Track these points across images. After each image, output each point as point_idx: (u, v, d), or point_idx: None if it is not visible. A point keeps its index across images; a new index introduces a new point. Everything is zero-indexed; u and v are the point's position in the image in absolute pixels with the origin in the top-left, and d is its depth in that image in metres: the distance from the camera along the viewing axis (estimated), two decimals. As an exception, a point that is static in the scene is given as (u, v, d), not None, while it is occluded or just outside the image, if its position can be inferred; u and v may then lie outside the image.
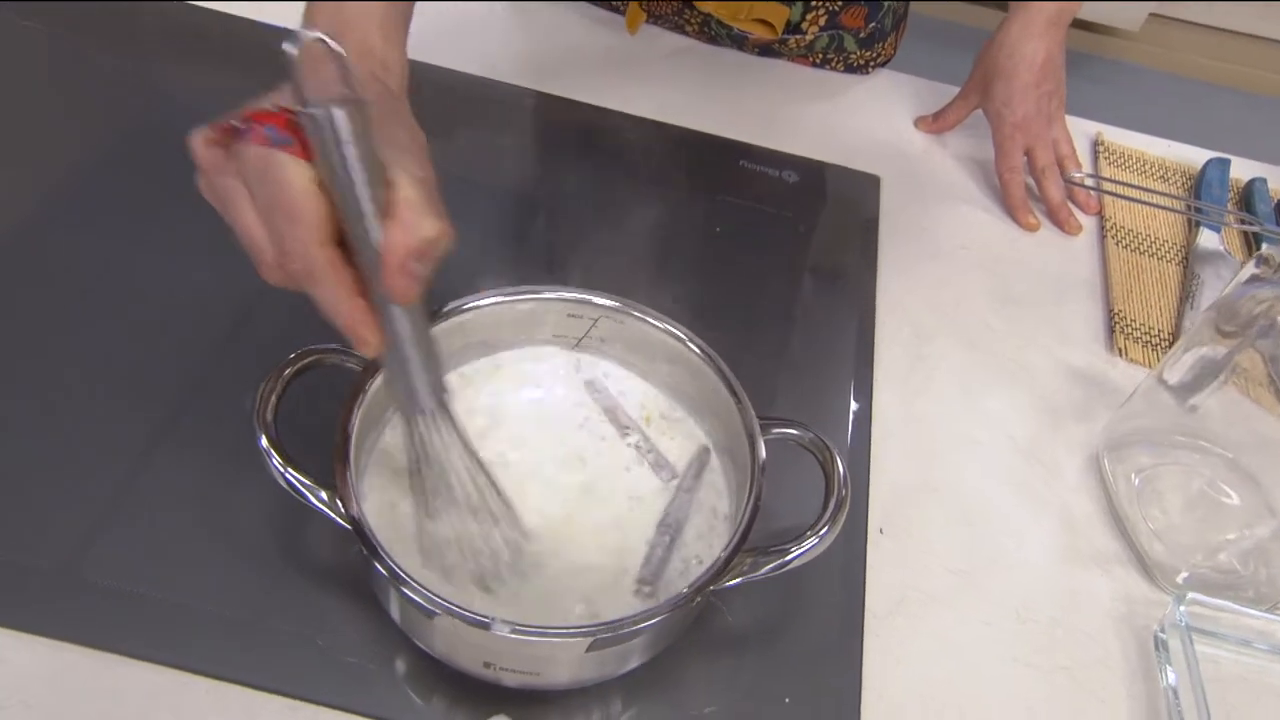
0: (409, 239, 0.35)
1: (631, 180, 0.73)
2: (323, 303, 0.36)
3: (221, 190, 0.36)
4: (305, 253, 0.34)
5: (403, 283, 0.35)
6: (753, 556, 0.42)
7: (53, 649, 0.42)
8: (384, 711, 0.43)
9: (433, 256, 0.36)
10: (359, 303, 0.36)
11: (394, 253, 0.35)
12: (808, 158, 0.78)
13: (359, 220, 0.34)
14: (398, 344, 0.37)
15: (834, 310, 0.67)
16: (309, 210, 0.34)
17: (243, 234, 0.36)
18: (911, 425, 0.60)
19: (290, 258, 0.35)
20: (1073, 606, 0.52)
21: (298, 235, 0.34)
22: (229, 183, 0.35)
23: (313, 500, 0.41)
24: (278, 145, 0.34)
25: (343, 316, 0.36)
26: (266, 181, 0.34)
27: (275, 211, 0.34)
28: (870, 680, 0.47)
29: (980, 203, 0.78)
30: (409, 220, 0.35)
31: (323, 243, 0.35)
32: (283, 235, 0.34)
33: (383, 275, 0.35)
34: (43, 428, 0.50)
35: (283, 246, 0.35)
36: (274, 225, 0.35)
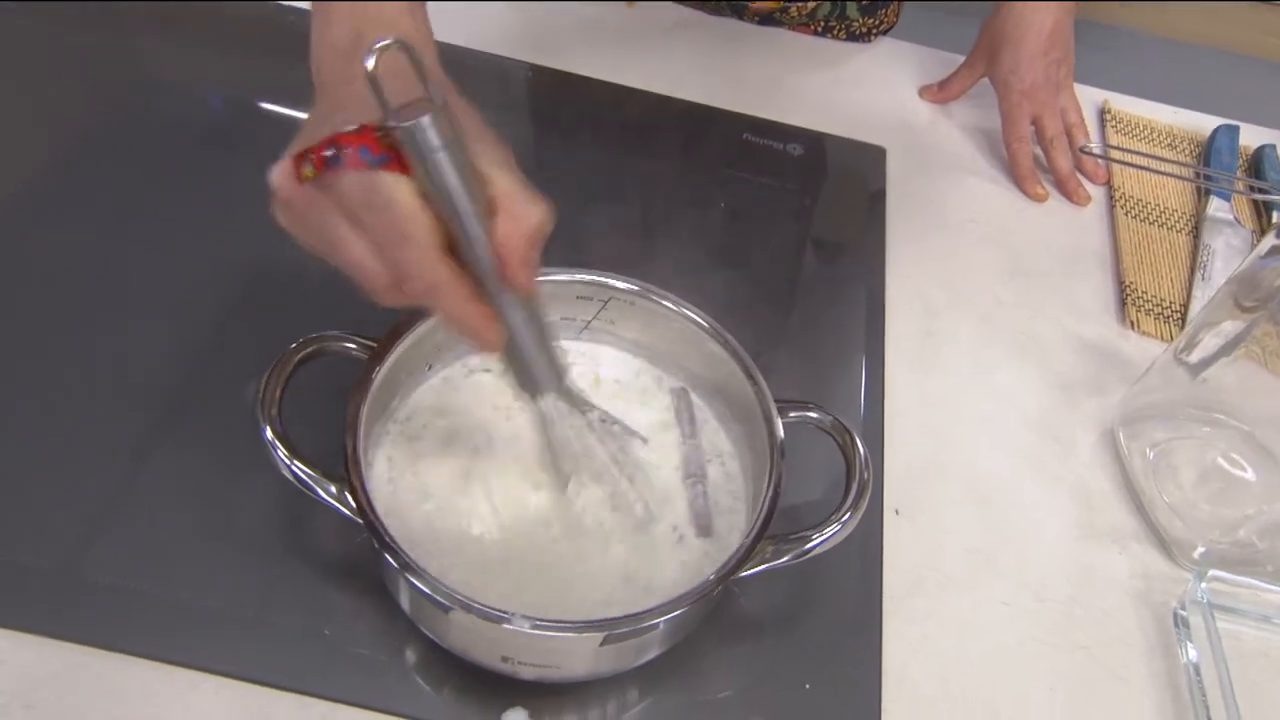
0: (522, 231, 0.34)
1: (632, 156, 0.71)
2: (447, 314, 0.35)
3: (320, 226, 0.34)
4: (426, 272, 0.33)
5: (525, 275, 0.35)
6: (774, 544, 0.41)
7: (55, 649, 0.41)
8: (397, 706, 0.42)
9: (542, 240, 0.35)
10: (482, 307, 0.35)
11: (513, 249, 0.34)
12: (812, 129, 0.76)
13: (467, 223, 0.34)
14: (516, 334, 0.37)
15: (843, 286, 0.66)
16: (421, 228, 0.33)
17: (352, 265, 0.34)
18: (924, 403, 0.59)
19: (410, 280, 0.34)
20: (1090, 584, 0.52)
21: (415, 256, 0.33)
22: (328, 218, 0.33)
23: (321, 493, 0.40)
24: (375, 167, 0.32)
25: (469, 324, 0.35)
26: (373, 208, 0.32)
27: (388, 236, 0.33)
28: (890, 663, 0.47)
29: (987, 174, 0.77)
30: (516, 212, 0.34)
31: (440, 258, 0.34)
32: (400, 259, 0.33)
33: (505, 273, 0.34)
34: (39, 426, 0.48)
35: (401, 270, 0.33)
36: (388, 250, 0.33)
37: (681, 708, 0.44)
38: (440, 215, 0.33)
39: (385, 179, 0.32)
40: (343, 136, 0.32)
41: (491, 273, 0.35)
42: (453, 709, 0.42)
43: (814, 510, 0.49)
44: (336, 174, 0.32)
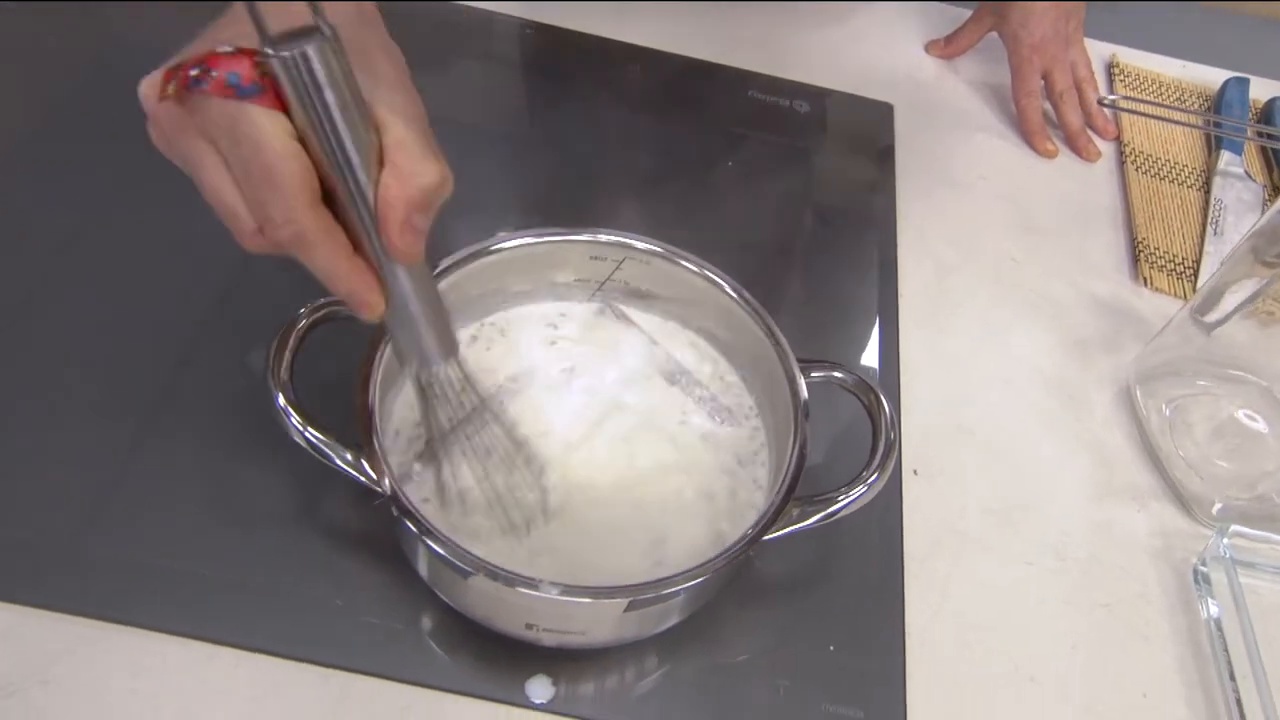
0: (408, 189, 0.31)
1: (634, 115, 0.69)
2: (317, 269, 0.31)
3: (184, 151, 0.30)
4: (292, 219, 0.30)
5: (406, 240, 0.31)
6: (800, 506, 0.40)
7: (68, 624, 0.40)
8: (416, 675, 0.41)
9: (434, 206, 0.32)
10: (357, 264, 0.32)
11: (394, 207, 0.31)
12: (817, 86, 0.75)
13: (348, 173, 0.30)
14: (401, 302, 0.34)
15: (853, 244, 0.65)
16: (292, 171, 0.29)
17: (214, 201, 0.31)
18: (938, 362, 0.58)
19: (275, 225, 0.30)
20: (1109, 542, 0.52)
21: (282, 200, 0.30)
22: (192, 142, 0.30)
23: (337, 461, 0.39)
24: (244, 96, 0.29)
25: (341, 282, 0.32)
26: (238, 141, 0.29)
27: (252, 175, 0.29)
28: (912, 624, 0.47)
29: (996, 130, 0.76)
30: (405, 167, 0.31)
31: (311, 204, 0.30)
32: (264, 202, 0.30)
33: (384, 234, 0.31)
34: (42, 398, 0.47)
35: (265, 213, 0.30)
36: (252, 190, 0.30)
37: (704, 671, 0.44)
38: (318, 160, 0.30)
39: (254, 112, 0.29)
40: (214, 58, 0.29)
41: (373, 233, 0.31)
42: (472, 677, 0.42)
43: (826, 472, 0.49)
44: (200, 96, 0.29)
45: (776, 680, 0.44)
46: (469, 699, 0.41)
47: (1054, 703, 0.45)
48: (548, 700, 0.41)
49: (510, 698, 0.41)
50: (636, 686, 0.43)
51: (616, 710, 0.42)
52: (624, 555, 0.41)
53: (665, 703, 0.43)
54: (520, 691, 0.41)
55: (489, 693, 0.41)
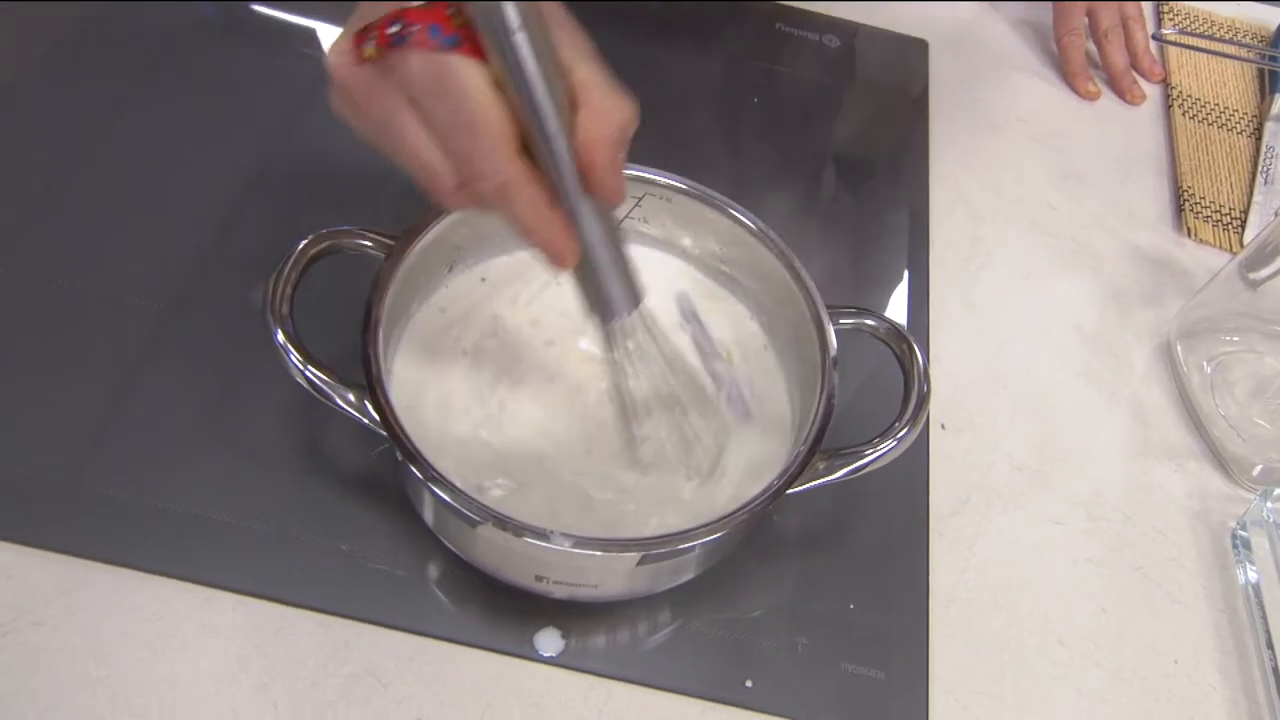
0: (608, 128, 0.30)
1: (656, 45, 0.66)
2: (519, 220, 0.31)
3: (381, 114, 0.30)
4: (498, 170, 0.29)
5: (614, 180, 0.31)
6: (826, 459, 0.38)
7: (63, 564, 0.39)
8: (421, 625, 0.40)
9: (628, 140, 0.31)
10: (557, 213, 0.31)
11: (599, 148, 0.30)
12: (849, 20, 0.70)
13: (546, 118, 0.29)
14: (591, 250, 0.33)
15: (883, 188, 0.62)
16: (496, 120, 0.29)
17: (414, 160, 0.30)
18: (970, 312, 0.55)
19: (480, 178, 0.29)
20: (1145, 503, 0.49)
21: (487, 151, 0.29)
22: (390, 103, 0.29)
23: (339, 401, 0.37)
24: (446, 48, 0.28)
25: (542, 232, 0.31)
26: (442, 94, 0.28)
27: (457, 128, 0.29)
28: (937, 584, 0.45)
29: (1036, 70, 0.71)
30: (600, 106, 0.30)
31: (515, 155, 0.29)
32: (470, 154, 0.29)
33: (593, 176, 0.30)
34: (38, 333, 0.45)
35: (471, 166, 0.29)
36: (457, 143, 0.29)
37: (719, 627, 0.42)
38: (515, 108, 0.29)
39: (456, 63, 0.28)
40: (410, 12, 0.28)
41: (572, 176, 0.30)
42: (479, 628, 0.40)
43: (847, 426, 0.47)
44: (402, 54, 0.28)
45: (794, 637, 0.42)
46: (475, 650, 0.40)
47: (1082, 667, 0.43)
48: (557, 653, 0.40)
49: (519, 650, 0.40)
50: (649, 641, 0.41)
51: (628, 665, 0.40)
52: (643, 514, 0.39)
53: (679, 659, 0.41)
54: (529, 644, 0.40)
55: (496, 644, 0.40)
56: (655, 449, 0.40)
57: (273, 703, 0.37)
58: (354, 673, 0.38)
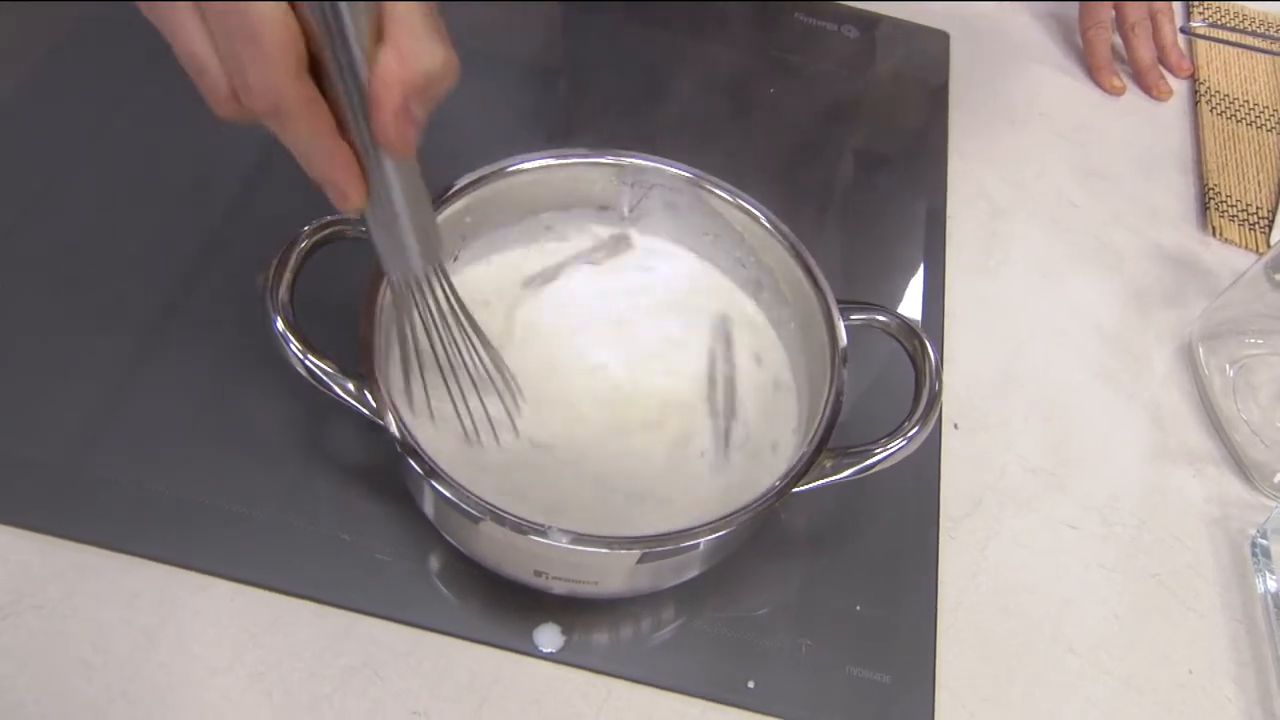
0: (408, 71, 0.27)
1: (670, 34, 0.65)
2: (294, 146, 0.28)
3: (161, 11, 0.27)
4: (273, 87, 0.27)
5: (400, 129, 0.28)
6: (834, 458, 0.37)
7: (61, 548, 0.38)
8: (420, 618, 0.39)
9: (435, 95, 0.28)
10: (341, 148, 0.29)
11: (390, 89, 0.27)
12: (869, 11, 0.69)
13: (340, 44, 0.26)
14: (385, 197, 0.30)
15: (900, 181, 0.60)
16: (279, 35, 0.26)
17: (188, 60, 0.28)
18: (986, 310, 0.54)
19: (253, 92, 0.27)
20: (1162, 508, 0.48)
21: (263, 64, 0.26)
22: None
23: (338, 391, 0.36)
24: None
25: (320, 165, 0.29)
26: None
27: (234, 35, 0.26)
28: (946, 587, 0.44)
29: (1060, 64, 0.70)
30: (407, 46, 0.27)
31: (296, 74, 0.27)
32: (244, 65, 0.27)
33: (375, 119, 0.28)
34: (41, 317, 0.45)
35: (244, 78, 0.27)
36: (232, 51, 0.27)
37: (723, 626, 0.41)
38: (307, 26, 0.26)
39: None
40: None
41: (361, 117, 0.28)
42: (479, 622, 0.40)
43: (856, 424, 0.46)
44: None
45: (799, 638, 0.41)
46: (474, 644, 0.39)
47: (1093, 675, 0.42)
48: (556, 649, 0.39)
49: (518, 645, 0.39)
50: (650, 639, 0.41)
51: (628, 663, 0.40)
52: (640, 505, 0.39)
53: (681, 657, 0.40)
54: (529, 639, 0.39)
55: (496, 639, 0.39)
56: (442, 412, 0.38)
57: (267, 692, 0.37)
58: (351, 664, 0.38)
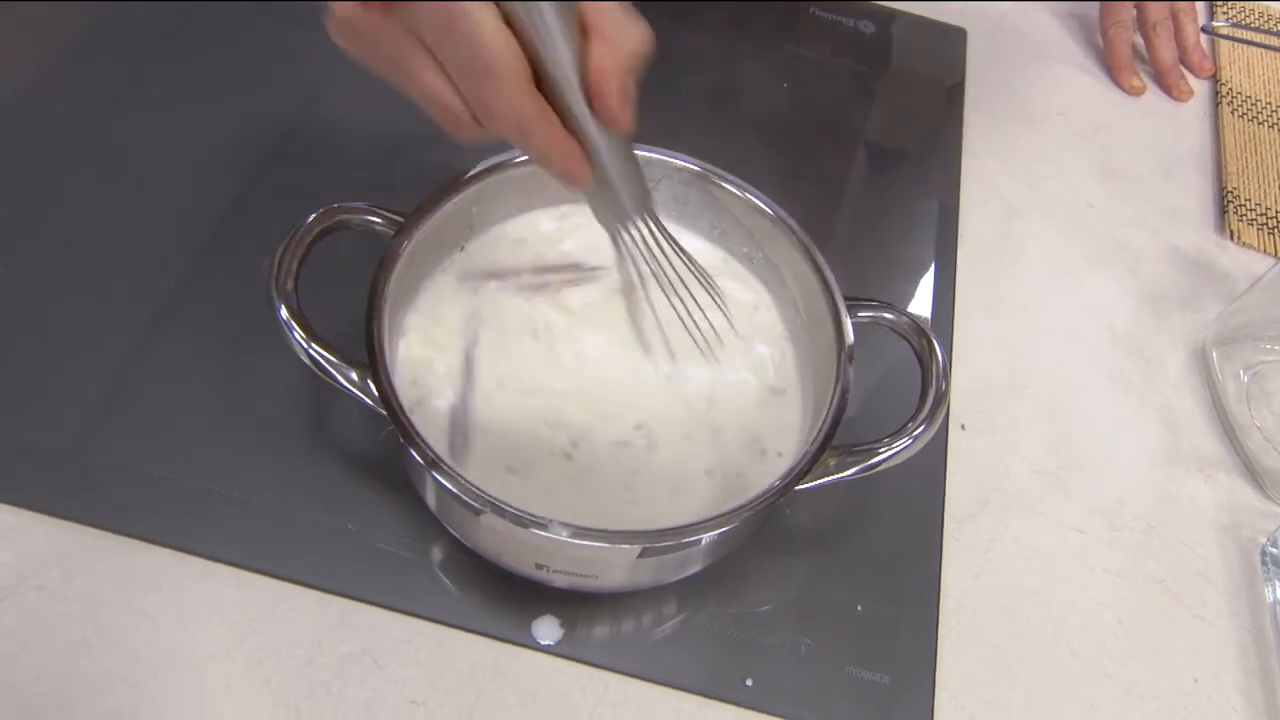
0: (619, 56, 0.30)
1: (681, 24, 0.64)
2: (536, 153, 0.32)
3: (391, 54, 0.30)
4: (514, 110, 0.30)
5: (621, 110, 0.31)
6: (837, 456, 0.37)
7: (65, 531, 0.39)
8: (421, 608, 0.39)
9: (642, 68, 0.31)
10: (571, 142, 0.32)
11: (611, 77, 0.30)
12: (885, 6, 0.69)
13: (558, 55, 0.29)
14: (602, 167, 0.33)
15: (913, 178, 0.60)
16: (510, 63, 0.29)
17: (428, 99, 0.31)
18: (997, 309, 0.54)
19: (497, 118, 0.30)
20: (1171, 514, 0.48)
21: (503, 92, 0.29)
22: (399, 44, 0.29)
23: (341, 380, 0.36)
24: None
25: (557, 161, 0.32)
26: (455, 38, 0.28)
27: (472, 69, 0.29)
28: (949, 588, 0.43)
29: (1079, 62, 0.69)
30: (613, 33, 0.30)
31: (530, 93, 0.30)
32: (485, 96, 0.30)
33: (602, 106, 0.30)
34: (49, 298, 0.45)
35: (487, 107, 0.30)
36: (472, 85, 0.30)
37: (723, 623, 0.41)
38: (524, 39, 0.29)
39: (468, 5, 0.28)
40: None
41: (582, 105, 0.31)
42: (480, 614, 0.40)
43: (861, 422, 0.46)
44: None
45: (799, 637, 0.41)
46: (473, 635, 0.39)
47: (1096, 680, 0.42)
48: (555, 642, 0.39)
49: (517, 637, 0.39)
50: (650, 634, 0.41)
51: (626, 658, 0.40)
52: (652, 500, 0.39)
53: (680, 653, 0.40)
54: (527, 631, 0.39)
55: (495, 630, 0.39)
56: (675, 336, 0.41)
57: (266, 679, 0.37)
58: (350, 652, 0.38)
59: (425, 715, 0.37)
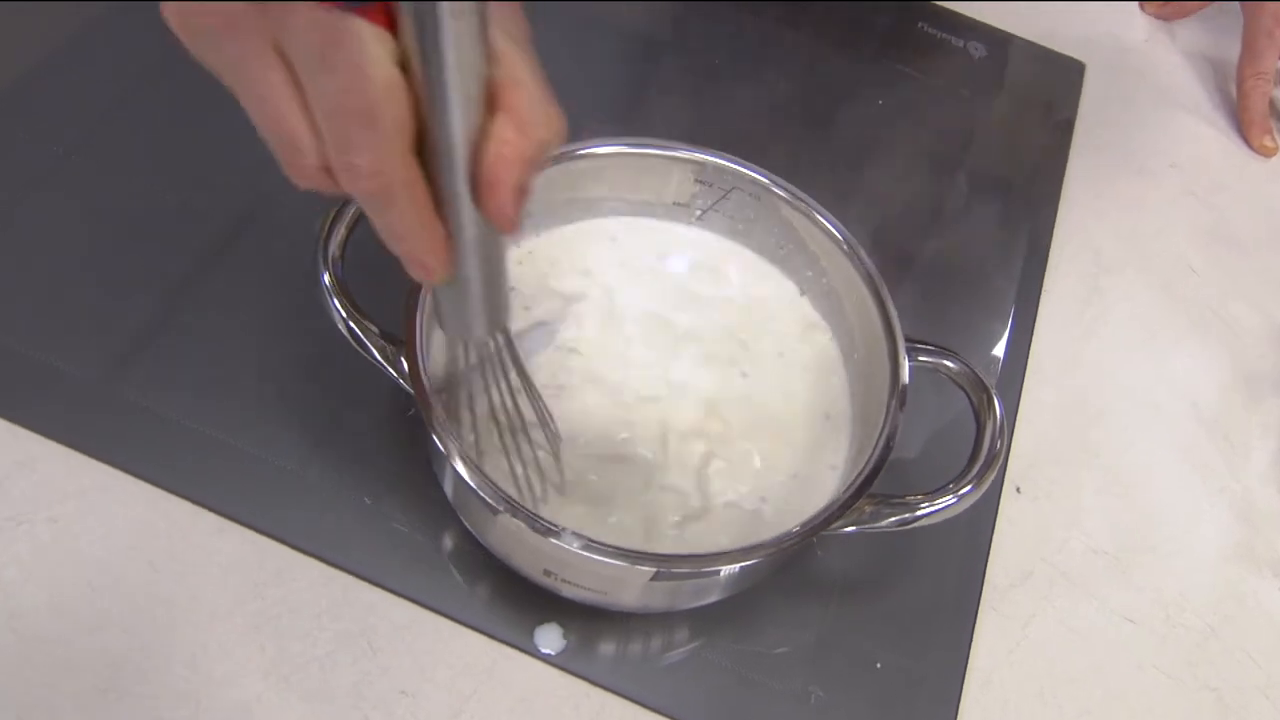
0: (527, 144, 0.25)
1: (781, 29, 0.64)
2: (390, 226, 0.26)
3: (238, 59, 0.24)
4: (381, 170, 0.25)
5: (514, 204, 0.26)
6: (875, 504, 0.36)
7: (85, 466, 0.40)
8: (426, 597, 0.40)
9: (544, 164, 0.26)
10: (437, 227, 0.27)
11: (510, 167, 0.25)
12: (1000, 29, 0.67)
13: (454, 118, 0.24)
14: (466, 268, 0.29)
15: (1003, 218, 0.58)
16: (395, 112, 0.24)
17: (269, 123, 0.25)
18: (1074, 369, 0.52)
19: (358, 173, 0.25)
20: (1236, 617, 0.45)
21: (374, 145, 0.24)
22: (255, 51, 0.24)
23: (374, 353, 0.37)
24: (347, 6, 0.23)
25: (412, 244, 0.27)
26: (331, 66, 0.23)
27: (342, 109, 0.24)
28: (978, 659, 0.42)
29: (1205, 113, 0.67)
30: (526, 116, 0.25)
31: (405, 152, 0.25)
32: (351, 144, 0.24)
33: (491, 198, 0.26)
34: (97, 229, 0.47)
35: (348, 157, 0.25)
36: (337, 127, 0.24)
37: (732, 659, 0.41)
38: (418, 96, 0.24)
39: (358, 29, 0.23)
40: None
41: (464, 189, 0.26)
42: (484, 611, 0.40)
43: (917, 467, 0.45)
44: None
45: (809, 685, 0.41)
46: (473, 632, 0.39)
47: (1126, 784, 0.40)
48: (556, 652, 0.39)
49: (517, 641, 0.39)
50: (656, 658, 0.40)
51: (628, 680, 0.40)
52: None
53: (684, 683, 0.40)
54: (529, 637, 0.39)
55: (496, 631, 0.39)
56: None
57: (260, 646, 0.38)
58: (347, 630, 0.39)
59: (412, 706, 0.38)
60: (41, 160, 0.48)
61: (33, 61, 0.51)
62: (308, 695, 0.37)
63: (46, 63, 0.51)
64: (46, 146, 0.48)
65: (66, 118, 0.50)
